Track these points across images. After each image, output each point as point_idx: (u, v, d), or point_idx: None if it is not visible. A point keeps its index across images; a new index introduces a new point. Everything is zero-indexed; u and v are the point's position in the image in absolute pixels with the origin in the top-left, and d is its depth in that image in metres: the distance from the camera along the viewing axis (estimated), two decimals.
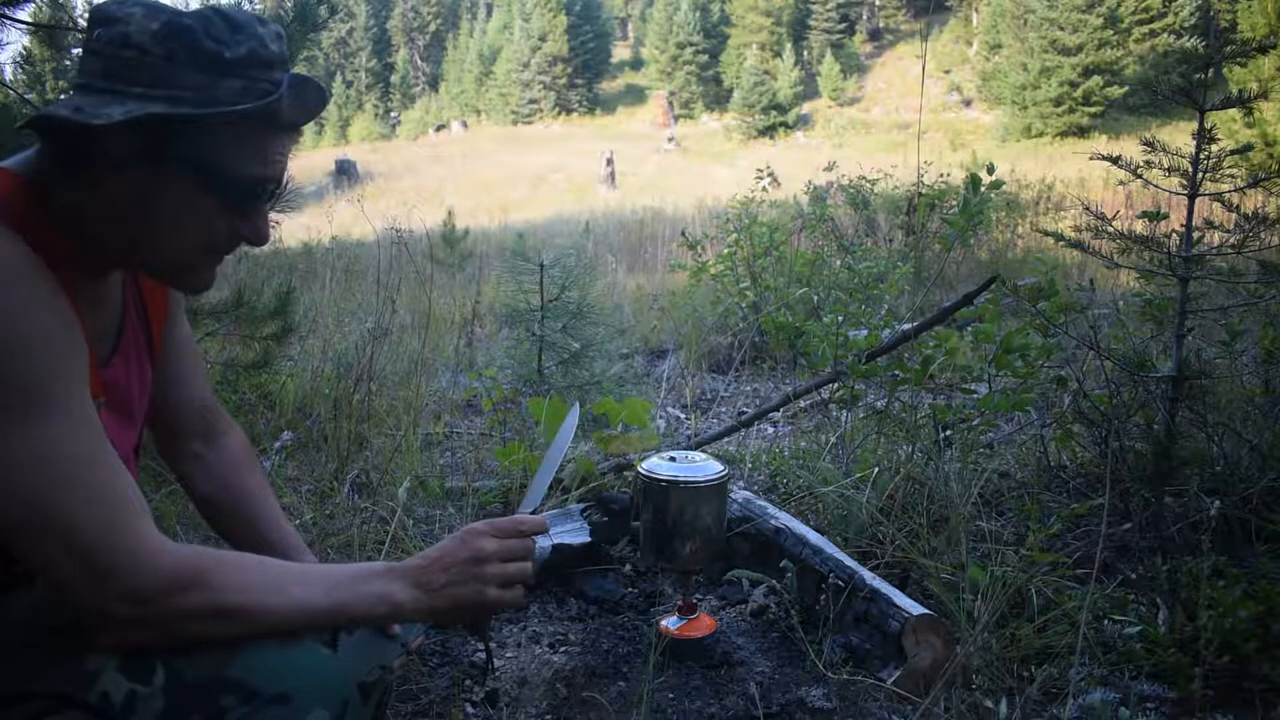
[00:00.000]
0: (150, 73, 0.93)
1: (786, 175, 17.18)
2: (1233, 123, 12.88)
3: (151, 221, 0.98)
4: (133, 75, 0.93)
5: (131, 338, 1.14)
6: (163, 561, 0.91)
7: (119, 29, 0.94)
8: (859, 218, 8.51)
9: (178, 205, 0.98)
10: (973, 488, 2.38)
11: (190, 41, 0.94)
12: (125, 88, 0.93)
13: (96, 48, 0.95)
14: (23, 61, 3.49)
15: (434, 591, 1.03)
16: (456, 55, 60.91)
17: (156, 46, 0.93)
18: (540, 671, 1.89)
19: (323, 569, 1.03)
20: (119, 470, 0.94)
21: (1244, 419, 2.75)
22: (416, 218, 7.74)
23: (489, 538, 1.07)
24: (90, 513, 0.89)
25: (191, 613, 0.93)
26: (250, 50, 0.96)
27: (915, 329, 3.14)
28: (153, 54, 0.93)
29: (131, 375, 1.13)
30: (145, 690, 0.93)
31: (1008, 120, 34.86)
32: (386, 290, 4.65)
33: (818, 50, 51.01)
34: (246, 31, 0.97)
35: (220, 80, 0.95)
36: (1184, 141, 2.35)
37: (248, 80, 0.96)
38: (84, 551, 0.88)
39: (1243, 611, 1.78)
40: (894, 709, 1.74)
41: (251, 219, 1.03)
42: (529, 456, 2.75)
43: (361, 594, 1.01)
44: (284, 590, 0.97)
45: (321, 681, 0.99)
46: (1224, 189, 2.32)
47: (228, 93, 0.95)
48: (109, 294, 1.09)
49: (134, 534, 0.91)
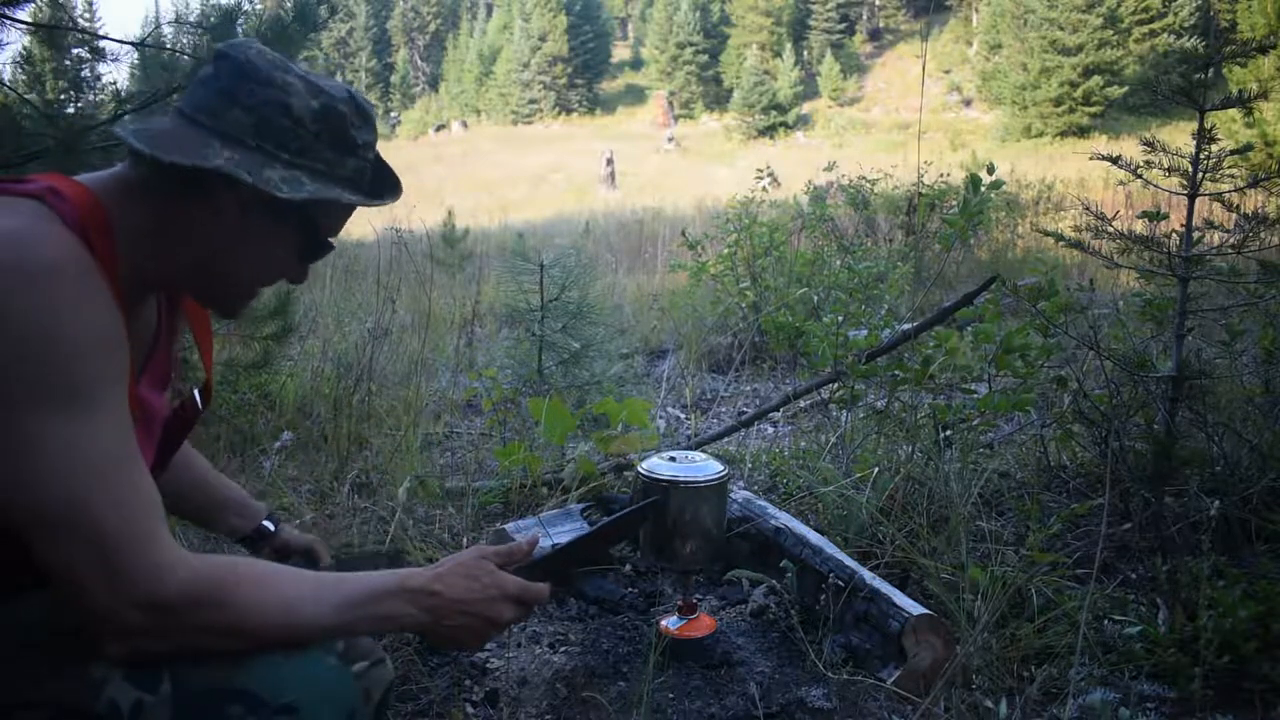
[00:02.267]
0: (300, 145, 1.04)
1: (786, 175, 17.17)
2: (1233, 123, 12.89)
3: (237, 258, 1.09)
4: (285, 143, 1.03)
5: (159, 361, 1.17)
6: (184, 574, 0.92)
7: (280, 96, 1.03)
8: (859, 218, 8.51)
9: (268, 250, 1.10)
10: (973, 488, 2.38)
11: (340, 127, 1.07)
12: (275, 151, 1.03)
13: (250, 104, 1.02)
14: (23, 61, 3.49)
15: (441, 624, 1.07)
16: (456, 55, 60.90)
17: (313, 124, 1.04)
18: (540, 671, 1.89)
19: (337, 583, 1.03)
20: (148, 477, 0.95)
21: (1244, 419, 2.75)
22: (416, 218, 7.73)
23: (512, 606, 1.12)
24: (119, 515, 0.89)
25: (204, 628, 0.93)
26: (367, 139, 1.11)
27: (915, 329, 3.14)
28: (308, 130, 1.04)
29: (156, 396, 1.16)
30: (152, 699, 0.93)
31: (1008, 120, 34.84)
32: (386, 290, 4.65)
33: (818, 50, 51.01)
34: (370, 122, 1.11)
35: (345, 159, 1.08)
36: (1184, 141, 2.35)
37: (360, 160, 1.10)
38: (108, 554, 0.88)
39: (1243, 611, 1.78)
40: (894, 709, 1.74)
41: (307, 265, 1.16)
42: (529, 456, 2.75)
43: (372, 615, 1.02)
44: (297, 611, 0.98)
45: (328, 691, 0.99)
46: (1224, 189, 2.32)
47: (348, 170, 1.09)
48: (146, 315, 1.13)
49: (158, 543, 0.91)
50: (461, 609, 1.07)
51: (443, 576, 1.07)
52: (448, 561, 1.11)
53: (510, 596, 1.11)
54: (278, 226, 1.07)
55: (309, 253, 1.14)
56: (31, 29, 2.68)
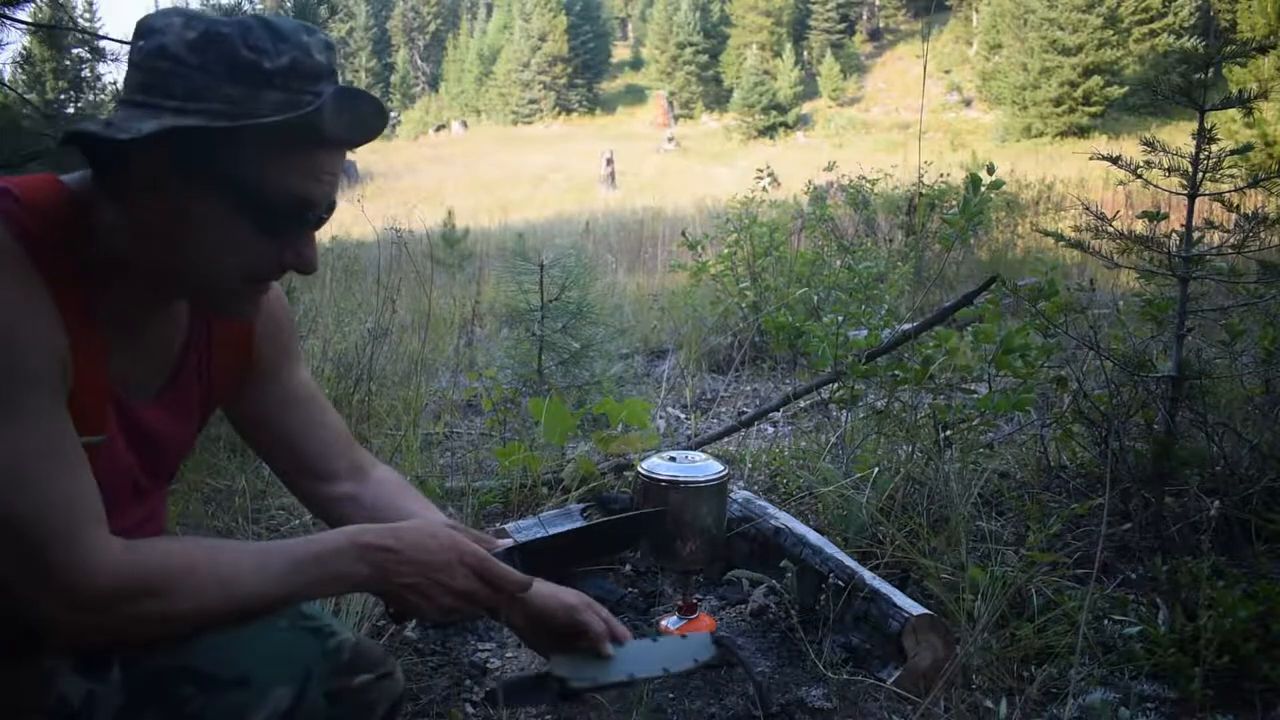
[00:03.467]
0: (186, 84, 0.88)
1: (786, 175, 17.15)
2: (1233, 123, 12.89)
3: (186, 244, 0.94)
4: (169, 87, 0.89)
5: (184, 393, 1.10)
6: (114, 569, 0.89)
7: (156, 40, 0.90)
8: (859, 218, 8.50)
9: (213, 227, 0.93)
10: (973, 488, 2.38)
11: (227, 51, 0.88)
12: (161, 101, 0.89)
13: (136, 60, 0.91)
14: (23, 61, 3.49)
15: (390, 582, 1.01)
16: (456, 55, 60.89)
17: (192, 57, 0.88)
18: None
19: (283, 549, 1.00)
20: (77, 475, 0.90)
21: (1244, 419, 2.75)
22: (416, 218, 7.73)
23: (469, 575, 1.05)
24: (41, 516, 0.86)
25: (144, 619, 0.91)
26: (293, 60, 0.90)
27: (915, 329, 3.14)
28: (188, 64, 0.88)
29: (175, 428, 1.09)
30: (103, 689, 0.92)
31: (1008, 120, 34.83)
32: (386, 290, 4.65)
33: (818, 50, 50.99)
34: (290, 40, 0.90)
35: (259, 93, 0.89)
36: (1184, 141, 2.35)
37: (290, 93, 0.90)
38: (33, 553, 0.86)
39: (1243, 611, 1.78)
40: (894, 709, 1.74)
41: (296, 245, 0.97)
42: (529, 456, 2.75)
43: (321, 576, 0.99)
44: (238, 586, 0.94)
45: (279, 658, 0.98)
46: (1224, 189, 2.32)
47: (267, 106, 0.89)
48: (161, 335, 1.06)
49: (86, 540, 0.88)
50: (413, 566, 1.02)
51: (398, 532, 1.04)
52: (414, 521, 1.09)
53: (466, 562, 1.04)
54: (198, 191, 0.92)
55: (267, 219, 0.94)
56: (31, 29, 2.68)
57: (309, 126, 0.90)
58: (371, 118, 0.95)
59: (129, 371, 1.01)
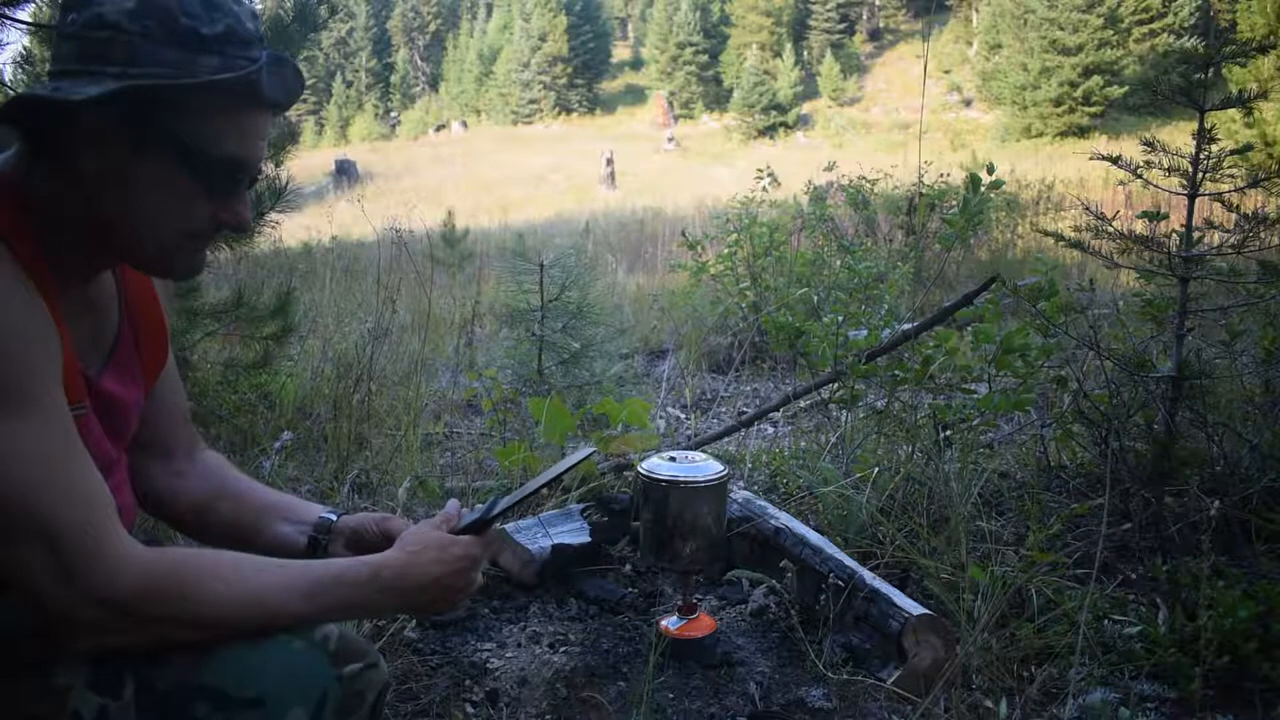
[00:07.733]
0: (127, 51, 0.92)
1: (786, 175, 17.13)
2: (1232, 123, 12.86)
3: (129, 202, 0.97)
4: (109, 55, 0.92)
5: (126, 358, 1.12)
6: (140, 568, 0.90)
7: (93, 11, 0.93)
8: (859, 218, 8.49)
9: (156, 184, 0.97)
10: (973, 488, 2.38)
11: (166, 18, 0.93)
12: (102, 68, 0.92)
13: (71, 32, 0.94)
14: (22, 61, 3.47)
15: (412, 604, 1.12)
16: (456, 55, 60.87)
17: (132, 24, 0.92)
18: (540, 671, 1.89)
19: (304, 570, 1.02)
20: (94, 470, 0.92)
21: (1244, 419, 2.75)
22: (416, 218, 7.74)
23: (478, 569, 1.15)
24: (68, 513, 0.87)
25: (165, 620, 0.92)
26: (228, 27, 0.95)
27: (915, 329, 3.14)
28: (128, 31, 0.92)
29: (125, 392, 1.11)
30: (116, 705, 0.91)
31: (1008, 120, 34.82)
32: (386, 290, 4.65)
33: (818, 50, 50.97)
34: (223, 9, 0.96)
35: (197, 57, 0.94)
36: (1184, 141, 2.35)
37: (225, 57, 0.95)
38: (60, 551, 0.86)
39: (1243, 611, 1.78)
40: (894, 709, 1.74)
41: (231, 204, 1.02)
42: (529, 456, 2.75)
43: (343, 603, 1.03)
44: (264, 599, 0.97)
45: (295, 679, 0.98)
46: (1224, 189, 2.32)
47: (205, 69, 0.94)
48: (99, 304, 1.08)
49: (111, 537, 0.89)
50: (436, 587, 1.09)
51: (412, 567, 1.07)
52: (409, 541, 1.10)
53: (478, 560, 1.14)
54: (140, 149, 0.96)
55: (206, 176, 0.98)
56: (31, 29, 2.67)
57: (248, 88, 0.96)
58: (295, 82, 1.03)
59: (83, 342, 1.03)
